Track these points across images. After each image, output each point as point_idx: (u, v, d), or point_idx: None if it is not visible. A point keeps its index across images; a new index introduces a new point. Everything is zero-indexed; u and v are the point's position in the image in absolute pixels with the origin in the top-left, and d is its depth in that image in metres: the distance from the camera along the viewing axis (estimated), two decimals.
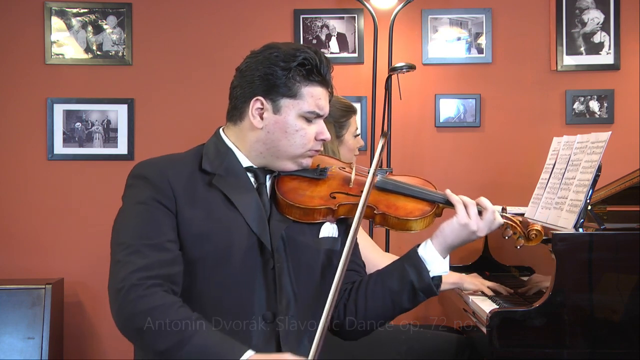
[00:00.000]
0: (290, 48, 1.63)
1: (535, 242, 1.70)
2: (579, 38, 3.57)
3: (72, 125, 3.61)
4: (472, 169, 3.62)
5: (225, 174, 1.62)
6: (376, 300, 1.67)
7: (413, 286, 1.64)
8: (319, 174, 1.70)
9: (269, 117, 1.62)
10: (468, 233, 1.65)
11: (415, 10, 3.57)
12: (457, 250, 3.73)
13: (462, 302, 2.55)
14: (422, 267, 1.64)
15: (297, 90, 1.61)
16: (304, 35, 3.61)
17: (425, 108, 3.63)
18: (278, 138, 1.62)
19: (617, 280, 2.12)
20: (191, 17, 3.62)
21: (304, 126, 1.63)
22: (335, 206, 1.64)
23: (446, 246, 1.66)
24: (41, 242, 3.57)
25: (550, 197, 2.52)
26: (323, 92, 1.65)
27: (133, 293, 1.46)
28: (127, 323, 1.47)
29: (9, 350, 3.21)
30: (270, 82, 1.61)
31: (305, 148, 1.65)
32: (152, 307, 1.45)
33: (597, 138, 2.33)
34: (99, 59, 3.62)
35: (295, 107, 1.62)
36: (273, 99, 1.61)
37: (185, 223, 1.56)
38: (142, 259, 1.49)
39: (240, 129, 1.66)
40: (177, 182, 1.58)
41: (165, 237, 1.53)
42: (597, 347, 2.09)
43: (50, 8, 3.60)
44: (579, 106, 3.57)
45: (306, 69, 1.61)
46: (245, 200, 1.61)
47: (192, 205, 1.57)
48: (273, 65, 1.61)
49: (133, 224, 1.55)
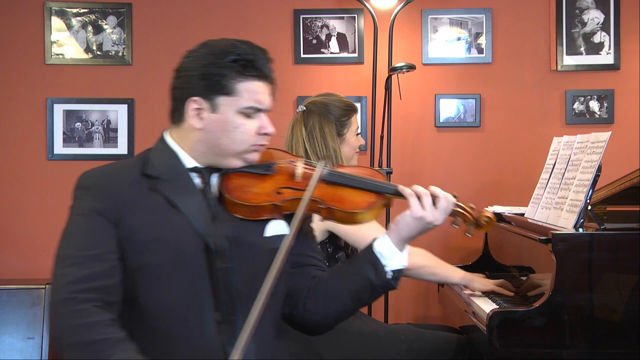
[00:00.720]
0: (224, 44, 1.61)
1: (486, 229, 1.70)
2: (579, 38, 3.57)
3: (72, 125, 3.61)
4: (472, 169, 3.62)
5: (168, 177, 1.60)
6: (336, 298, 1.66)
7: (371, 283, 1.63)
8: (265, 170, 1.67)
9: (207, 117, 1.60)
10: (424, 224, 1.64)
11: (415, 10, 3.57)
12: (457, 250, 3.76)
13: (462, 302, 2.55)
14: (379, 263, 1.63)
15: (233, 87, 1.58)
16: (304, 35, 3.61)
17: (425, 108, 3.63)
18: (218, 137, 1.60)
19: (617, 280, 2.12)
20: (191, 17, 3.62)
21: (244, 122, 1.60)
22: (281, 202, 1.61)
23: (402, 239, 1.64)
24: (41, 242, 3.57)
25: (550, 197, 2.52)
26: (261, 85, 1.62)
27: (64, 307, 1.47)
28: (60, 336, 1.47)
29: (9, 350, 3.21)
30: (205, 81, 1.59)
31: (247, 144, 1.61)
32: (79, 324, 1.45)
33: (597, 138, 2.33)
34: (99, 59, 3.62)
35: (233, 104, 1.59)
36: (210, 98, 1.59)
37: (128, 231, 1.55)
38: (79, 271, 1.50)
39: (182, 130, 1.64)
40: (118, 191, 1.58)
41: (103, 248, 1.53)
42: (597, 347, 2.09)
43: (50, 8, 3.60)
44: (579, 106, 3.57)
45: (240, 65, 1.58)
46: (189, 202, 1.59)
47: (135, 212, 1.56)
48: (207, 64, 1.59)
49: (73, 236, 1.56)
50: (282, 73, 3.57)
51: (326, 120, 2.50)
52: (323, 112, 2.51)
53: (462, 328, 2.62)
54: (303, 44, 3.61)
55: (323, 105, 2.52)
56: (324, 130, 2.49)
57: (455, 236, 3.58)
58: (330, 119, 2.50)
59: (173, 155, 1.64)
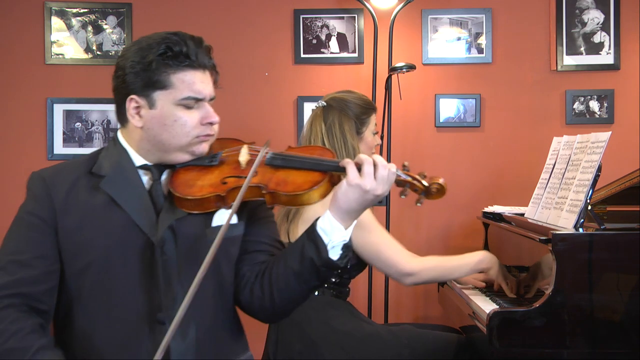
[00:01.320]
0: (153, 39, 1.58)
1: (438, 197, 1.62)
2: (579, 38, 3.57)
3: (72, 125, 3.61)
4: (472, 169, 3.62)
5: (114, 175, 1.59)
6: (280, 282, 1.58)
7: (313, 262, 1.54)
8: (210, 161, 1.64)
9: (146, 114, 1.57)
10: (361, 193, 1.53)
11: (415, 10, 3.57)
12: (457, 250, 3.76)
13: (462, 302, 2.55)
14: (319, 240, 1.54)
15: (166, 80, 1.55)
16: (304, 35, 3.61)
17: (425, 108, 3.63)
18: (159, 132, 1.57)
19: (617, 280, 2.12)
20: (191, 18, 3.62)
21: (183, 114, 1.56)
22: (224, 192, 1.57)
23: (343, 211, 1.54)
24: None
25: (550, 197, 2.52)
26: (197, 74, 1.57)
27: None
28: None
29: None
30: (138, 78, 1.56)
31: (191, 136, 1.58)
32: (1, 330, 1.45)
33: (597, 138, 2.33)
34: (99, 59, 3.62)
35: (169, 97, 1.56)
36: (146, 94, 1.56)
37: (65, 233, 1.54)
38: (4, 276, 1.50)
39: (128, 130, 1.63)
40: (58, 192, 1.57)
41: (32, 253, 1.53)
42: (597, 347, 2.09)
43: (50, 8, 3.60)
44: (579, 106, 3.57)
45: (170, 56, 1.54)
46: (133, 200, 1.57)
47: (73, 214, 1.55)
48: (138, 60, 1.56)
49: (8, 239, 1.57)
50: (282, 73, 3.61)
51: (346, 117, 2.49)
52: (343, 108, 2.51)
53: (462, 328, 2.62)
54: (303, 44, 3.61)
55: (343, 102, 2.52)
56: (343, 127, 2.48)
57: (456, 236, 3.58)
58: (349, 115, 2.50)
59: (122, 153, 1.62)
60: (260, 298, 1.62)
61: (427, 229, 3.57)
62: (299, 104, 3.59)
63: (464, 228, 3.56)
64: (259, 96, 3.59)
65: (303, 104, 3.57)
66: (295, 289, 1.59)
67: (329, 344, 2.30)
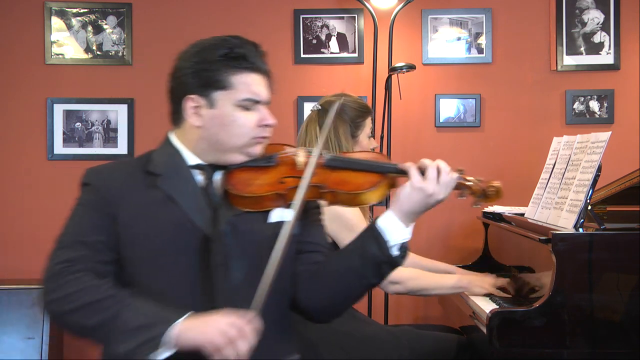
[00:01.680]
0: (214, 40, 1.63)
1: (494, 200, 1.68)
2: (579, 38, 3.57)
3: (72, 125, 3.61)
4: (472, 169, 3.57)
5: (169, 174, 1.62)
6: (340, 279, 1.62)
7: (375, 260, 1.58)
8: (267, 161, 1.68)
9: (205, 113, 1.62)
10: (424, 196, 1.58)
11: (415, 10, 3.57)
12: (457, 250, 3.75)
13: (462, 302, 2.55)
14: (382, 239, 1.58)
15: (227, 81, 1.60)
16: (304, 35, 3.61)
17: (425, 108, 3.63)
18: (217, 132, 1.62)
19: (617, 280, 2.12)
20: (191, 17, 3.62)
21: (242, 115, 1.61)
22: (285, 190, 1.62)
23: (404, 212, 1.59)
24: (41, 242, 3.53)
25: (550, 197, 2.52)
26: (256, 77, 1.63)
27: (60, 279, 1.51)
28: (56, 307, 1.50)
29: (9, 350, 3.21)
30: (199, 78, 1.61)
31: (248, 137, 1.63)
32: (81, 288, 1.49)
33: (597, 138, 2.33)
34: (99, 59, 3.62)
35: (229, 97, 1.60)
36: (205, 94, 1.61)
37: (123, 225, 1.57)
38: (72, 253, 1.54)
39: (184, 130, 1.66)
40: (116, 187, 1.61)
41: (96, 237, 1.57)
42: (597, 347, 2.09)
43: (50, 8, 3.60)
44: (579, 106, 3.57)
45: (232, 58, 1.60)
46: (188, 198, 1.60)
47: (129, 208, 1.59)
48: (199, 61, 1.61)
49: (70, 225, 1.60)
50: (282, 73, 3.61)
51: (341, 121, 2.50)
52: (338, 112, 2.51)
53: (462, 328, 2.62)
54: (303, 44, 3.61)
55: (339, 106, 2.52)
56: (338, 131, 2.49)
57: (456, 236, 3.58)
58: (344, 119, 2.50)
59: (175, 153, 1.66)
60: (318, 296, 1.65)
61: (427, 229, 3.57)
62: (299, 104, 3.59)
63: (464, 228, 3.56)
64: None
65: (303, 104, 3.57)
66: (355, 286, 1.63)
67: (328, 344, 2.30)
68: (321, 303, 1.66)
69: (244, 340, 1.44)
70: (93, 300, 1.48)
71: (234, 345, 1.43)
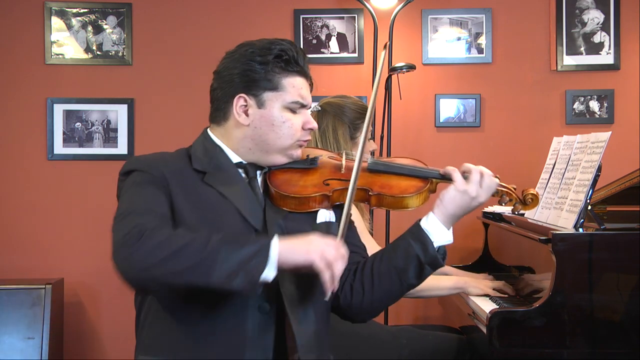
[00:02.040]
0: (265, 42, 1.65)
1: (533, 206, 1.75)
2: (579, 38, 3.57)
3: (72, 125, 3.61)
4: None
5: (215, 170, 1.63)
6: (382, 278, 1.65)
7: (419, 260, 1.63)
8: (310, 164, 1.72)
9: (254, 113, 1.63)
10: (468, 199, 1.65)
11: (415, 10, 3.57)
12: (457, 250, 3.75)
13: (462, 302, 2.55)
14: (427, 239, 1.64)
15: (278, 82, 1.63)
16: (304, 35, 3.61)
17: (425, 108, 3.63)
18: (265, 132, 1.64)
19: (617, 280, 2.12)
20: (191, 17, 3.62)
21: (290, 117, 1.65)
22: (330, 192, 1.66)
23: (448, 215, 1.66)
24: (41, 242, 3.57)
25: (550, 197, 2.52)
26: (303, 81, 1.67)
27: (141, 236, 1.41)
28: (142, 263, 1.40)
29: (9, 350, 3.21)
30: (250, 78, 1.63)
31: (294, 139, 1.66)
32: (165, 238, 1.41)
33: (597, 138, 2.33)
34: (99, 59, 3.62)
35: (279, 98, 1.64)
36: (255, 94, 1.63)
37: (177, 212, 1.55)
38: (137, 218, 1.46)
39: (226, 129, 1.67)
40: (170, 173, 1.58)
41: (164, 210, 1.52)
42: (597, 347, 2.09)
43: (50, 8, 3.60)
44: (579, 106, 3.57)
45: (284, 60, 1.63)
46: (238, 194, 1.61)
47: (185, 197, 1.56)
48: (250, 61, 1.63)
49: (129, 199, 1.53)
50: None
51: (340, 122, 2.50)
52: (338, 113, 2.51)
53: (462, 328, 2.62)
54: (303, 44, 3.61)
55: (338, 107, 2.52)
56: (337, 132, 2.49)
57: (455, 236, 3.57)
58: (344, 120, 2.51)
59: (218, 150, 1.67)
60: (360, 294, 1.67)
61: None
62: None
63: (464, 228, 3.55)
64: None
65: None
66: (396, 286, 1.66)
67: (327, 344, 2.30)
68: (361, 302, 1.68)
69: (341, 261, 1.46)
70: (183, 244, 1.40)
71: (333, 266, 1.45)
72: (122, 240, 1.42)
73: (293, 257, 1.44)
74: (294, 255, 1.44)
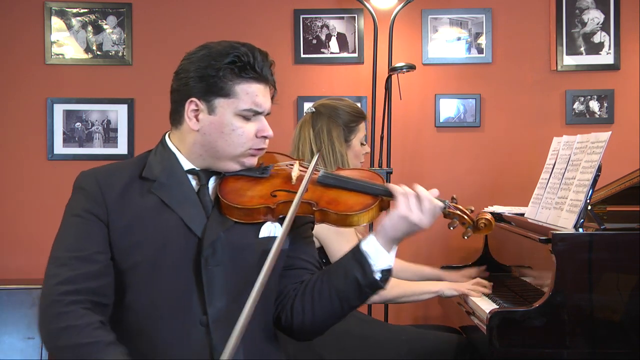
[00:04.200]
0: (222, 46, 1.60)
1: (486, 232, 1.65)
2: (579, 38, 3.57)
3: (72, 125, 3.61)
4: (472, 169, 3.62)
5: (165, 179, 1.61)
6: (323, 299, 1.61)
7: (358, 283, 1.57)
8: (261, 173, 1.66)
9: (204, 118, 1.59)
10: (409, 225, 1.58)
11: (415, 10, 3.57)
12: (457, 250, 3.75)
13: (462, 302, 2.55)
14: (365, 262, 1.57)
15: (231, 89, 1.57)
16: (304, 35, 3.61)
17: (425, 108, 3.63)
18: (215, 139, 1.59)
19: (617, 280, 2.12)
20: (191, 17, 3.62)
21: (242, 125, 1.59)
22: (275, 204, 1.59)
23: (388, 239, 1.59)
24: (41, 242, 3.54)
25: (550, 197, 2.52)
26: (260, 88, 1.60)
27: (53, 309, 1.47)
28: (46, 339, 1.49)
29: (9, 350, 3.21)
30: (203, 83, 1.58)
31: (245, 147, 1.60)
32: (67, 326, 1.45)
33: (597, 138, 2.33)
34: (99, 59, 3.62)
35: (231, 106, 1.58)
36: (207, 99, 1.58)
37: (116, 232, 1.55)
38: (68, 272, 1.50)
39: (181, 132, 1.65)
40: (111, 192, 1.58)
41: (94, 249, 1.54)
42: (597, 347, 2.09)
43: (50, 8, 3.60)
44: (579, 106, 3.57)
45: (238, 67, 1.57)
46: (184, 203, 1.59)
47: (125, 214, 1.57)
48: (205, 66, 1.58)
49: (64, 237, 1.57)
50: (282, 73, 3.57)
51: (334, 124, 2.51)
52: (332, 115, 2.52)
53: (462, 328, 2.62)
54: (303, 44, 3.61)
55: (332, 109, 2.53)
56: (331, 134, 2.49)
57: (456, 236, 3.57)
58: (338, 123, 2.51)
59: (171, 157, 1.64)
60: (301, 314, 1.63)
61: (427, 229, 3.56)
62: (299, 104, 3.59)
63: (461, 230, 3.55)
64: None
65: (303, 104, 3.57)
66: (337, 307, 1.61)
67: (327, 344, 2.30)
68: (302, 323, 1.64)
69: None
70: (77, 344, 1.45)
71: None
72: (42, 306, 1.50)
73: None
74: None
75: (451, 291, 2.54)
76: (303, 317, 1.63)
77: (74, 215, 1.58)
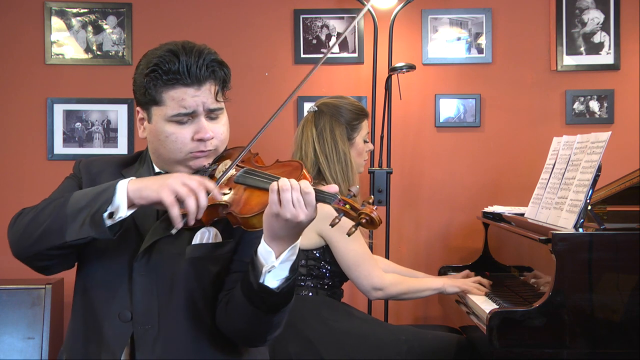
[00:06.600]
0: (151, 54, 1.60)
1: (371, 228, 1.41)
2: (579, 38, 3.57)
3: (72, 125, 3.61)
4: (472, 169, 3.62)
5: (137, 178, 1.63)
6: (238, 306, 1.52)
7: (252, 287, 1.46)
8: (203, 174, 1.60)
9: (147, 127, 1.63)
10: (284, 222, 1.40)
11: (415, 10, 3.57)
12: (457, 250, 3.75)
13: (462, 301, 2.55)
14: (257, 265, 1.45)
15: (159, 97, 1.57)
16: (304, 35, 3.61)
17: (425, 108, 3.63)
18: (157, 146, 1.63)
19: (617, 280, 2.12)
20: (191, 17, 3.62)
21: (175, 130, 1.57)
22: None
23: (271, 238, 1.44)
24: None
25: (550, 197, 2.52)
26: (188, 90, 1.55)
27: (16, 218, 1.64)
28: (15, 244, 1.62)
29: (9, 350, 3.21)
30: (139, 92, 1.61)
31: (184, 152, 1.58)
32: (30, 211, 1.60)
33: (597, 138, 2.33)
34: (99, 59, 3.62)
35: (161, 113, 1.57)
36: (145, 108, 1.61)
37: None
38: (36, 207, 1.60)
39: None
40: (86, 175, 1.68)
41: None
42: (597, 347, 2.09)
43: (50, 8, 3.60)
44: (579, 106, 3.57)
45: (159, 74, 1.55)
46: None
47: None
48: (138, 75, 1.61)
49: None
50: (282, 73, 3.61)
51: (337, 123, 2.51)
52: (334, 114, 2.52)
53: (462, 328, 2.62)
54: (303, 44, 3.61)
55: (335, 107, 2.53)
56: (334, 132, 2.50)
57: (456, 236, 3.58)
58: (341, 121, 2.51)
59: (148, 159, 1.71)
60: (228, 325, 1.58)
61: (427, 229, 3.57)
62: (299, 104, 3.59)
63: (464, 228, 3.56)
64: (259, 96, 3.59)
65: (303, 104, 3.57)
66: (249, 313, 1.50)
67: (326, 343, 2.30)
68: (233, 332, 1.58)
69: (204, 191, 1.45)
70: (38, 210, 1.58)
71: (197, 194, 1.44)
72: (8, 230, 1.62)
73: (145, 192, 1.46)
74: (146, 191, 1.46)
75: (453, 288, 2.55)
76: (227, 325, 1.57)
77: (58, 190, 1.73)
